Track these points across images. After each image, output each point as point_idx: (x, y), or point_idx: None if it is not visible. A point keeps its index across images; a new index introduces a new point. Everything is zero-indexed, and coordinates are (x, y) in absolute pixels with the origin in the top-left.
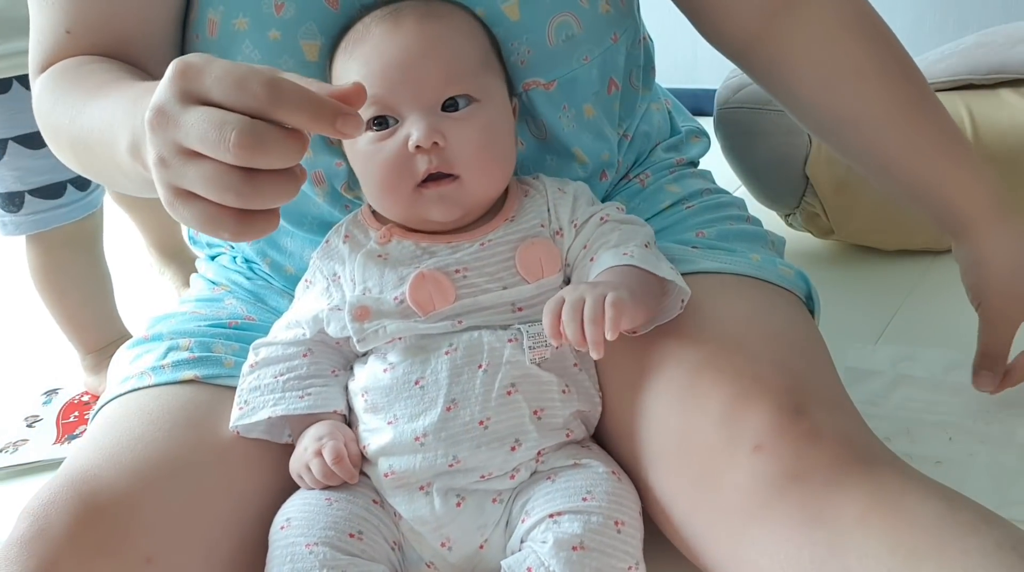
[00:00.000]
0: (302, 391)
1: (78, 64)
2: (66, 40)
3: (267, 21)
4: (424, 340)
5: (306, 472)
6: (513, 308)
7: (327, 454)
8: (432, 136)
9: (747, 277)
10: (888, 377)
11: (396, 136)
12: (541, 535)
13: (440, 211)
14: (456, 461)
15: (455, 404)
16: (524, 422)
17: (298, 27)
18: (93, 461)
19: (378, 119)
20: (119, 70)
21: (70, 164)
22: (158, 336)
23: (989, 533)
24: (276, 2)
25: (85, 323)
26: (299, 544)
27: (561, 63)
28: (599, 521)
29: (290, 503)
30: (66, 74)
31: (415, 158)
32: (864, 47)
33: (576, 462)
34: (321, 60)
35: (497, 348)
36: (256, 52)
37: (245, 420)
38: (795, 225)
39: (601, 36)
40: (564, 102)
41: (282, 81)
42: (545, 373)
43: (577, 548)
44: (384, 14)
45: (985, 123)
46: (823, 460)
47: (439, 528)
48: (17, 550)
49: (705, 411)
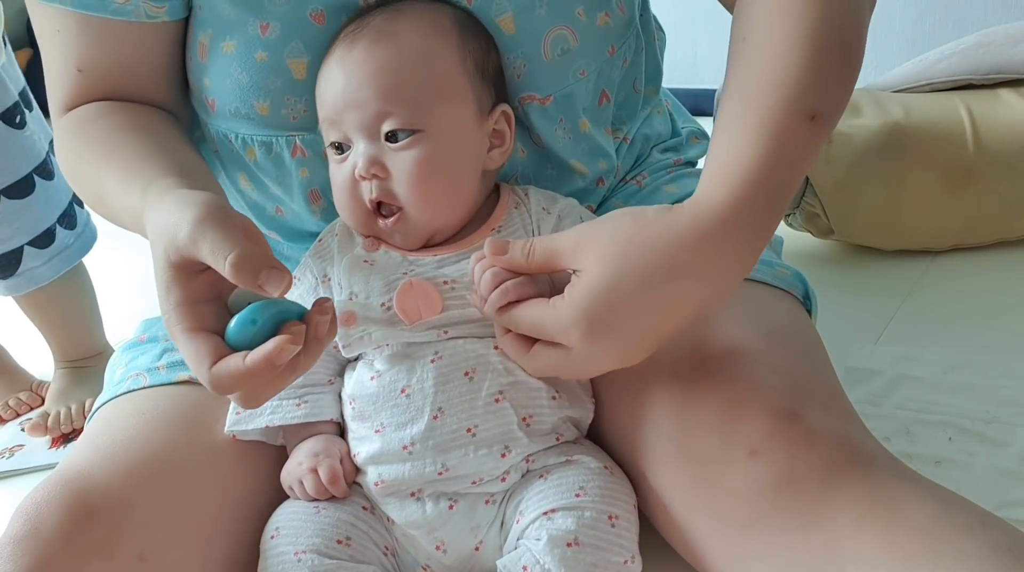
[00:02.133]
0: (298, 399)
1: (93, 120)
2: (79, 78)
3: (253, 43)
4: (410, 348)
5: (298, 486)
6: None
7: (323, 473)
8: (369, 167)
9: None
10: (888, 377)
11: (348, 161)
12: (535, 532)
13: (398, 239)
14: (445, 469)
15: (442, 412)
16: (513, 429)
17: (284, 46)
18: (87, 461)
19: (336, 143)
20: (124, 133)
21: (93, 209)
22: (153, 338)
23: (985, 535)
24: (261, 23)
25: (62, 337)
26: (288, 553)
27: (557, 78)
28: (592, 516)
29: (279, 513)
30: (83, 132)
31: (360, 185)
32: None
33: (568, 459)
34: (309, 77)
35: (483, 355)
36: (245, 75)
37: (241, 426)
38: (795, 225)
39: (598, 50)
40: (560, 116)
41: (218, 381)
42: (534, 380)
43: (572, 544)
44: (347, 32)
45: (985, 123)
46: (818, 464)
47: (432, 532)
48: (11, 549)
49: (701, 415)
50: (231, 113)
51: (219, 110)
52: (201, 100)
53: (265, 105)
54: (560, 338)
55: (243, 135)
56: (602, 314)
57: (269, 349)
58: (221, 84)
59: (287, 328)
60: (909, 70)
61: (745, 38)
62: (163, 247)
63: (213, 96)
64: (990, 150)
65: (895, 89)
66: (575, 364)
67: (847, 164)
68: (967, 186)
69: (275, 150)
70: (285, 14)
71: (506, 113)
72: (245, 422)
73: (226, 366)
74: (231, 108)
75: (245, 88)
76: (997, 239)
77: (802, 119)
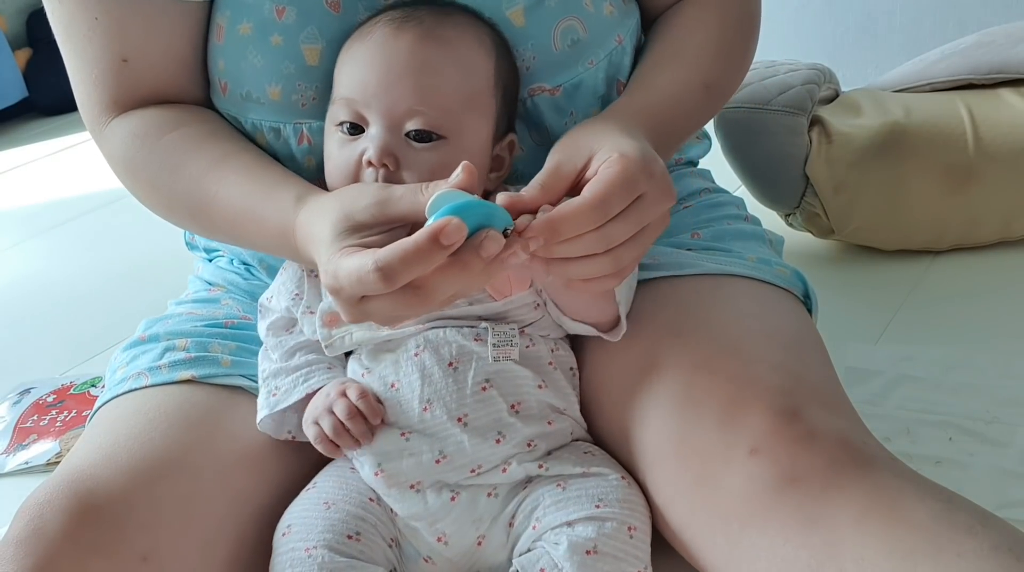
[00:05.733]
0: (304, 376)
1: (176, 128)
2: (126, 70)
3: (269, 26)
4: (391, 343)
5: (326, 416)
6: (480, 319)
7: (352, 393)
8: (383, 156)
9: (743, 278)
10: (888, 377)
11: (356, 144)
12: (555, 537)
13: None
14: (443, 456)
15: (431, 404)
16: (503, 416)
17: (300, 31)
18: (89, 460)
19: (349, 123)
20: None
21: (171, 218)
22: (155, 337)
23: (986, 535)
24: (277, 6)
25: None
26: (299, 549)
27: (567, 68)
28: (613, 527)
29: (290, 510)
30: (178, 143)
31: (365, 171)
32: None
33: (585, 471)
34: (322, 64)
35: (464, 345)
36: (259, 58)
37: (282, 405)
38: (795, 225)
39: (606, 39)
40: (570, 108)
41: (387, 263)
42: (521, 368)
43: (591, 552)
44: (393, 18)
45: (985, 123)
46: (819, 463)
47: (434, 523)
48: (13, 549)
49: (702, 414)
50: (243, 97)
51: (231, 93)
52: (214, 82)
53: (276, 90)
54: (644, 180)
55: (253, 120)
56: (638, 141)
57: (436, 224)
58: (235, 66)
59: (485, 232)
60: (909, 70)
61: (672, 27)
62: (334, 219)
63: (226, 79)
64: (991, 150)
65: (895, 89)
66: (657, 192)
67: (847, 164)
68: (967, 186)
69: (283, 136)
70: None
71: (512, 142)
72: (284, 399)
73: (394, 246)
74: (243, 91)
75: (259, 71)
76: (997, 239)
77: (699, 86)
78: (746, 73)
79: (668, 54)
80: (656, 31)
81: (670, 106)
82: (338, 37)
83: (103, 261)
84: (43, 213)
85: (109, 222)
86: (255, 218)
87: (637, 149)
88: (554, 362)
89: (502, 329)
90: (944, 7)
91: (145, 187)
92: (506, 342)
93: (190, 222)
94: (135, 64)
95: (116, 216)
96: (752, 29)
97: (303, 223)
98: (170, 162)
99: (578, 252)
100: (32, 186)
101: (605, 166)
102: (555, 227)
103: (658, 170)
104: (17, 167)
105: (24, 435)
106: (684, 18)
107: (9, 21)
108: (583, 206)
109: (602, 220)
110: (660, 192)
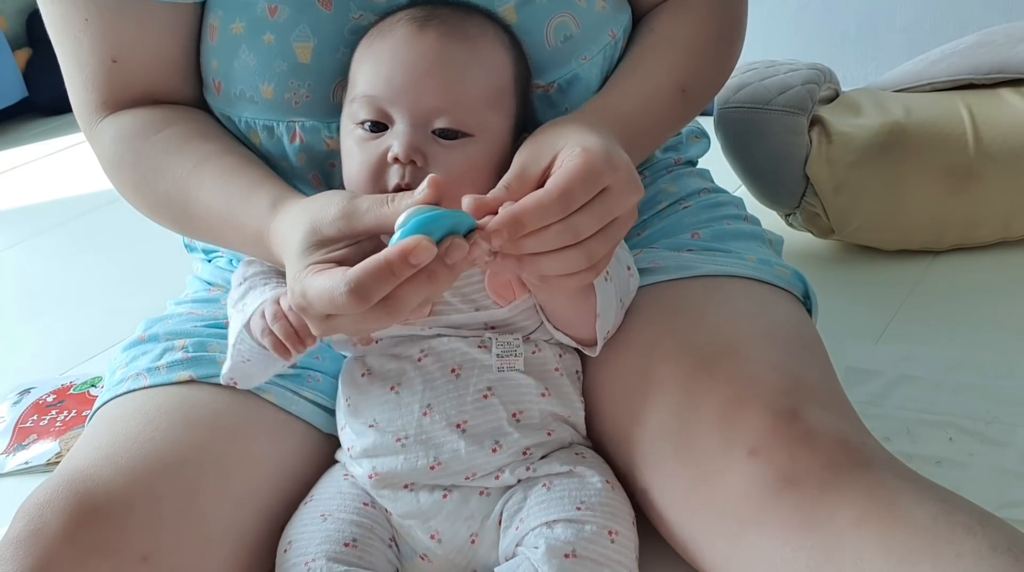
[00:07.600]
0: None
1: (161, 128)
2: (115, 70)
3: (261, 25)
4: (396, 348)
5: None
6: (485, 326)
7: (283, 303)
8: (411, 153)
9: (743, 278)
10: (888, 377)
11: (380, 141)
12: (534, 540)
13: None
14: (438, 463)
15: (431, 409)
16: (503, 424)
17: (292, 30)
18: (89, 460)
19: (372, 121)
20: (206, 143)
21: (155, 219)
22: (154, 337)
23: (985, 535)
24: (270, 5)
25: None
26: (299, 564)
27: (560, 65)
28: (593, 530)
29: (290, 526)
30: (159, 143)
31: (390, 168)
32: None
33: (571, 469)
34: (314, 62)
35: (467, 353)
36: (252, 57)
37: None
38: (795, 225)
39: (599, 34)
40: (564, 104)
41: (358, 283)
42: (523, 377)
43: (569, 556)
44: (415, 15)
45: (985, 123)
46: (818, 463)
47: (426, 521)
48: (13, 549)
49: (701, 415)
50: (236, 96)
51: (224, 92)
52: (208, 82)
53: (269, 88)
54: (607, 172)
55: (246, 119)
56: (602, 137)
57: (405, 243)
58: (228, 65)
59: (449, 239)
60: (909, 70)
61: (652, 29)
62: (302, 233)
63: (220, 78)
64: (991, 150)
65: (895, 89)
66: (622, 185)
67: (847, 164)
68: (968, 186)
69: (276, 134)
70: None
71: (524, 141)
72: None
73: (364, 266)
74: (236, 90)
75: (251, 70)
76: (997, 239)
77: (674, 90)
78: (728, 77)
79: (645, 56)
80: (637, 32)
81: (642, 108)
82: (330, 35)
83: (103, 261)
84: (43, 213)
85: (109, 222)
86: (233, 223)
87: (600, 143)
88: (560, 368)
89: (506, 339)
90: (944, 7)
91: (131, 188)
92: (510, 353)
93: (173, 224)
94: (125, 65)
95: (116, 216)
96: (735, 33)
97: (276, 231)
98: (154, 163)
99: (546, 246)
100: (32, 186)
101: (568, 159)
102: (517, 219)
103: (622, 163)
104: (17, 167)
105: (24, 435)
106: (664, 20)
107: (9, 21)
108: (543, 197)
109: (565, 211)
110: (625, 185)
